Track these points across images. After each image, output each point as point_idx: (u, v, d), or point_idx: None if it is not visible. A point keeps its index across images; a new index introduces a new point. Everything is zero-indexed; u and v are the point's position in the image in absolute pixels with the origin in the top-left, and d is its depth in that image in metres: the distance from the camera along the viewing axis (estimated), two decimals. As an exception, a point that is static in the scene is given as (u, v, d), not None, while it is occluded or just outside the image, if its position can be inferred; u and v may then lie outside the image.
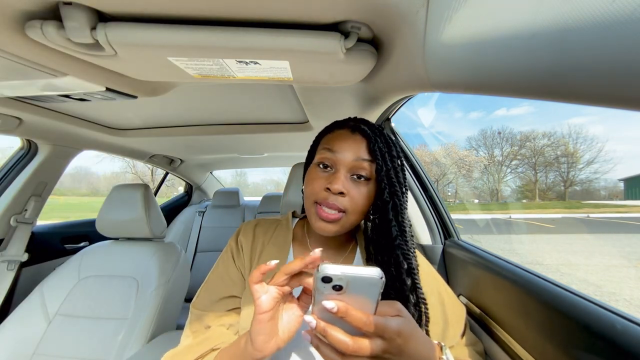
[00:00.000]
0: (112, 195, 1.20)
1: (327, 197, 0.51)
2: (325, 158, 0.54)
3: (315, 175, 0.54)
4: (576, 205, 21.15)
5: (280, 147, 1.71)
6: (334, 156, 0.53)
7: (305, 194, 0.56)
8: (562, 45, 0.23)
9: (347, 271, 0.33)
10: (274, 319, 0.38)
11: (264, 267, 0.38)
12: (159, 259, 1.15)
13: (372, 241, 0.57)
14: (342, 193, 0.50)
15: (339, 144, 0.53)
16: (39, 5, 0.42)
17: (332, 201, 0.50)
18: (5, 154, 1.26)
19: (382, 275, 0.33)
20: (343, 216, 0.52)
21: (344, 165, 0.52)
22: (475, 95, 0.41)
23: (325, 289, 0.33)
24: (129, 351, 0.94)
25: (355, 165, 0.52)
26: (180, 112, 1.13)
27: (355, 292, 0.33)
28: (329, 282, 0.33)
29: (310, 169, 0.57)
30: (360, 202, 0.52)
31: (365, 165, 0.52)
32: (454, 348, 0.54)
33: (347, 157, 0.52)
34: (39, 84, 0.64)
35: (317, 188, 0.52)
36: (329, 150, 0.53)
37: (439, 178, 28.64)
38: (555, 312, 0.47)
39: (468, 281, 0.79)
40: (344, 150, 0.52)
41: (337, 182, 0.50)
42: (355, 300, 0.34)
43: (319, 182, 0.52)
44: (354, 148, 0.53)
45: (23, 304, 1.06)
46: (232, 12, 0.43)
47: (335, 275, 0.32)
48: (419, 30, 0.42)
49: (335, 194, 0.50)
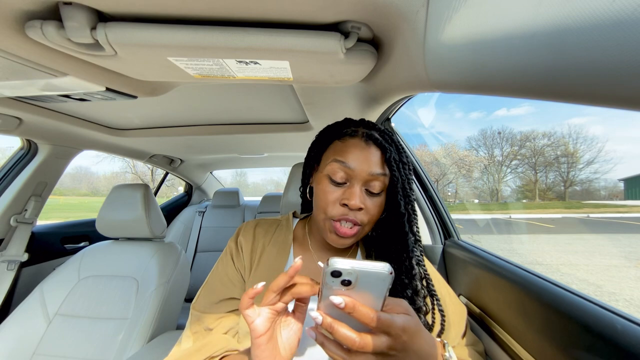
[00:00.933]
0: (112, 195, 1.20)
1: (345, 212, 0.50)
2: (339, 171, 0.51)
3: (328, 188, 0.52)
4: (576, 205, 21.15)
5: (280, 147, 1.71)
6: (348, 170, 0.50)
7: (317, 206, 0.53)
8: (562, 45, 0.23)
9: (357, 266, 0.33)
10: (272, 339, 0.38)
11: (251, 291, 0.37)
12: (159, 259, 1.15)
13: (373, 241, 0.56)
14: (361, 208, 0.50)
15: (354, 157, 0.51)
16: (39, 5, 0.42)
17: (351, 217, 0.50)
18: (5, 154, 1.26)
19: (392, 270, 0.33)
20: (360, 229, 0.51)
21: (359, 179, 0.50)
22: (476, 95, 0.41)
23: (334, 284, 0.33)
24: (129, 351, 0.94)
25: (370, 179, 0.50)
26: (180, 112, 1.13)
27: (364, 287, 0.33)
28: (338, 276, 0.33)
29: (321, 179, 0.54)
30: (376, 214, 0.52)
31: (380, 179, 0.51)
32: (455, 348, 0.54)
33: (363, 171, 0.50)
34: (39, 84, 0.64)
35: (332, 202, 0.51)
36: (343, 163, 0.51)
37: (439, 178, 28.64)
38: (555, 312, 0.47)
39: (468, 281, 0.79)
40: (359, 164, 0.50)
41: (355, 197, 0.49)
42: (363, 296, 0.34)
43: (333, 197, 0.51)
44: (369, 161, 0.51)
45: (23, 304, 1.06)
46: (232, 12, 0.43)
47: (344, 269, 0.32)
48: (419, 30, 0.42)
49: (353, 210, 0.50)
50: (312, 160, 0.60)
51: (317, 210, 0.54)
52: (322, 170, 0.54)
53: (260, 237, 0.61)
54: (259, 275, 0.56)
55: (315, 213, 0.56)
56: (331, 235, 0.52)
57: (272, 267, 0.57)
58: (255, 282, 0.55)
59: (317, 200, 0.54)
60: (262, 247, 0.60)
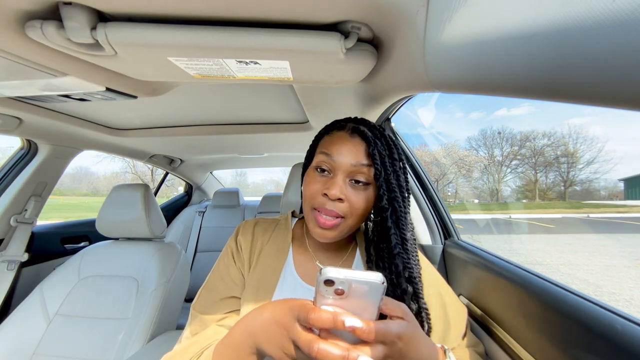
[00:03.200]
0: (112, 195, 1.20)
1: (324, 202, 0.50)
2: (323, 162, 0.52)
3: (313, 179, 0.53)
4: (576, 205, 21.15)
5: (280, 147, 1.71)
6: (331, 160, 0.51)
7: (304, 197, 0.55)
8: (562, 45, 0.23)
9: (349, 275, 0.33)
10: None
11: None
12: (159, 259, 1.15)
13: (373, 243, 0.56)
14: (341, 199, 0.49)
15: (337, 147, 0.52)
16: (39, 5, 0.42)
17: (330, 207, 0.50)
18: (5, 154, 1.26)
19: (384, 280, 0.33)
20: (341, 222, 0.51)
21: (342, 169, 0.51)
22: (476, 95, 0.41)
23: (327, 292, 0.33)
24: (129, 351, 0.94)
25: (353, 170, 0.51)
26: (180, 112, 1.13)
27: (357, 296, 0.33)
28: (331, 285, 0.33)
29: (308, 171, 0.56)
30: (360, 207, 0.51)
31: (364, 170, 0.51)
32: (455, 349, 0.54)
33: (345, 162, 0.50)
34: (39, 84, 0.64)
35: (315, 193, 0.51)
36: (327, 154, 0.52)
37: (439, 178, 28.64)
38: (556, 312, 0.47)
39: (468, 281, 0.79)
40: (341, 155, 0.51)
41: (335, 187, 0.49)
42: (357, 304, 0.34)
43: (316, 187, 0.52)
44: (352, 152, 0.51)
45: (23, 304, 1.06)
46: (232, 12, 0.43)
47: (337, 278, 0.32)
48: (419, 30, 0.42)
49: (332, 200, 0.50)
50: (308, 158, 0.61)
51: (303, 203, 0.55)
52: (312, 165, 0.55)
53: (259, 236, 0.61)
54: (257, 275, 0.56)
55: (302, 207, 0.56)
56: (313, 227, 0.52)
57: (271, 266, 0.57)
58: (253, 281, 0.56)
59: (303, 192, 0.55)
60: (260, 246, 0.60)
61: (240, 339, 0.41)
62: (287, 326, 0.35)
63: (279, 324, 0.37)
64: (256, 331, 0.39)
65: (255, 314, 0.41)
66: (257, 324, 0.39)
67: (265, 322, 0.38)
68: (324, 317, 0.32)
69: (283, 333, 0.36)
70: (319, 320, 0.32)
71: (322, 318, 0.32)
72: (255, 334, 0.39)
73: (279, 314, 0.37)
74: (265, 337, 0.38)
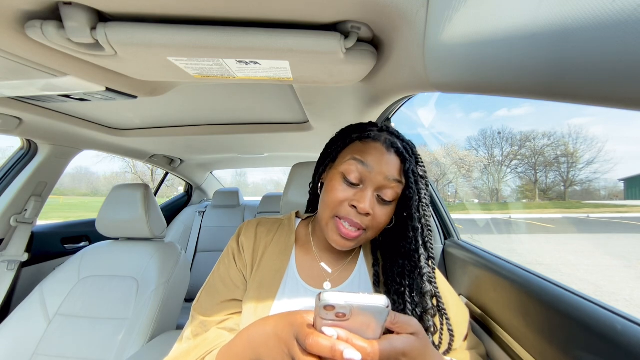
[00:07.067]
0: (112, 195, 1.20)
1: (350, 213, 0.49)
2: (355, 171, 0.50)
3: (340, 186, 0.51)
4: (576, 205, 21.15)
5: (280, 147, 1.71)
6: (365, 172, 0.49)
7: (325, 202, 0.52)
8: (562, 45, 0.23)
9: (351, 300, 0.31)
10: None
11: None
12: (159, 259, 1.15)
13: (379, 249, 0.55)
14: (368, 214, 0.49)
15: (373, 159, 0.50)
16: (39, 5, 0.42)
17: (356, 219, 0.49)
18: (6, 154, 1.26)
19: (389, 303, 0.32)
20: (363, 234, 0.50)
21: (374, 182, 0.49)
22: (476, 95, 0.41)
23: (328, 316, 0.32)
24: (129, 351, 0.94)
25: (384, 184, 0.49)
26: (180, 112, 1.13)
27: (360, 318, 0.32)
28: (331, 310, 0.31)
29: (333, 175, 0.53)
30: (382, 222, 0.51)
31: (393, 185, 0.50)
32: (457, 352, 0.54)
33: (379, 174, 0.49)
34: (39, 84, 0.64)
35: (342, 201, 0.50)
36: (361, 163, 0.50)
37: (439, 178, 28.63)
38: (556, 312, 0.47)
39: (468, 281, 0.79)
40: (376, 168, 0.49)
41: (365, 201, 0.48)
42: (360, 323, 0.33)
43: (344, 195, 0.50)
44: (388, 168, 0.50)
45: (23, 304, 1.06)
46: (232, 12, 0.43)
47: (338, 304, 0.31)
48: (419, 30, 0.42)
49: (361, 214, 0.49)
50: (327, 157, 0.58)
51: (323, 207, 0.53)
52: (337, 167, 0.53)
53: (262, 237, 0.60)
54: (260, 276, 0.56)
55: (320, 210, 0.55)
56: (333, 235, 0.51)
57: (274, 268, 0.56)
58: (256, 283, 0.55)
59: (325, 196, 0.53)
60: (264, 247, 0.59)
61: (241, 349, 0.41)
62: (287, 343, 0.35)
63: (280, 339, 0.36)
64: (258, 344, 0.39)
65: (258, 326, 0.41)
66: (259, 336, 0.40)
67: (267, 335, 0.38)
68: (322, 344, 0.31)
69: (283, 349, 0.36)
70: (316, 346, 0.32)
71: (319, 345, 0.31)
72: (256, 347, 0.39)
73: (280, 329, 0.37)
74: (266, 351, 0.38)
